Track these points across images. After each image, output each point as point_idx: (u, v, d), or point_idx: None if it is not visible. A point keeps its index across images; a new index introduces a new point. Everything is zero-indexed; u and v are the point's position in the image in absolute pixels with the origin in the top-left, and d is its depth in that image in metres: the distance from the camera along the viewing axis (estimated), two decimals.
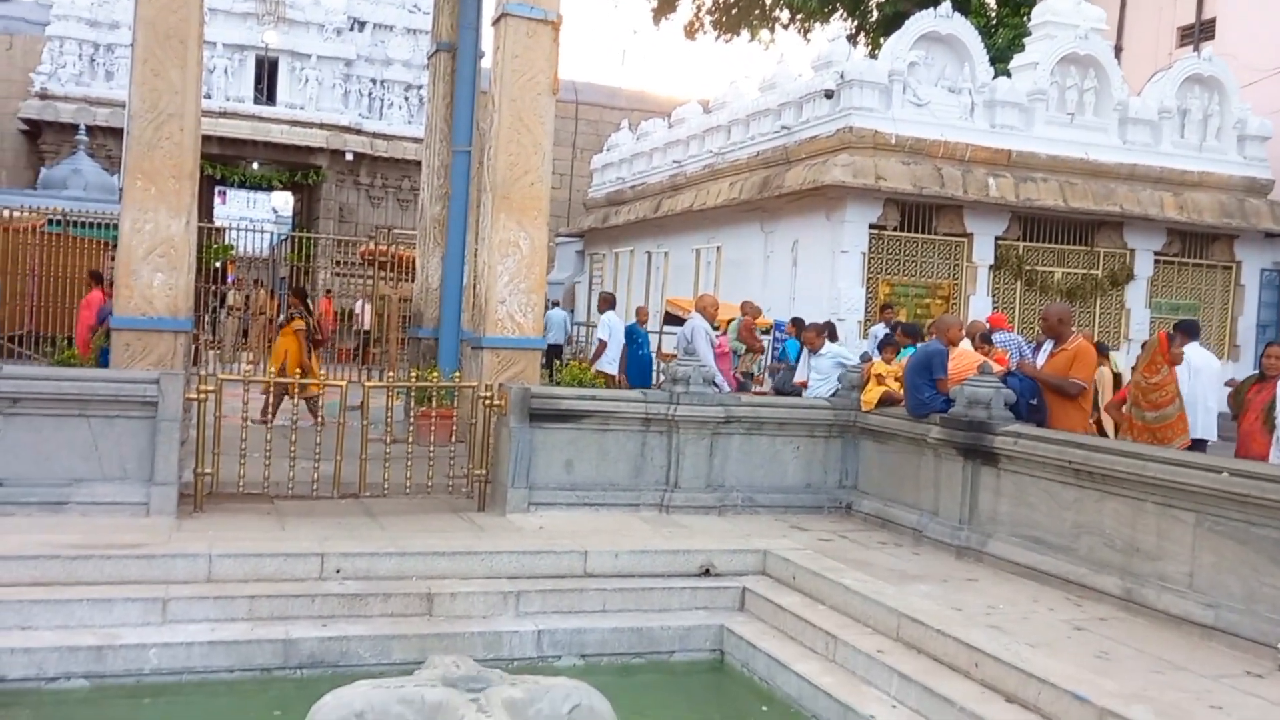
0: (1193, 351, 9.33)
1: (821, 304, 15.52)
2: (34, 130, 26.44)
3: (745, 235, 18.38)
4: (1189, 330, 9.67)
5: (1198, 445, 8.16)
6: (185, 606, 5.96)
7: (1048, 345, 8.29)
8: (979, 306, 16.33)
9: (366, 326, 19.13)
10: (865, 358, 10.20)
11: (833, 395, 9.41)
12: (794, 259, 17.00)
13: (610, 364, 12.33)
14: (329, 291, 22.08)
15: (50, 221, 16.78)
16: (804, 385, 10.35)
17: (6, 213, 16.57)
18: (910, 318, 15.48)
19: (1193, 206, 17.29)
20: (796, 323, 12.21)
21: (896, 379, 8.91)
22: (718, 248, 19.18)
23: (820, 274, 16.18)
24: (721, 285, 17.99)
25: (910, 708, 5.31)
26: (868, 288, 16.00)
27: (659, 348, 17.55)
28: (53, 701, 5.36)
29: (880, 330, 12.41)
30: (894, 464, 8.68)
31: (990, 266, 16.77)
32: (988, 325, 11.67)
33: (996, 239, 16.75)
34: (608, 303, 13.22)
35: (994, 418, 7.59)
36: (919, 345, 8.96)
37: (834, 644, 6.04)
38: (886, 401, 8.85)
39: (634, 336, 12.70)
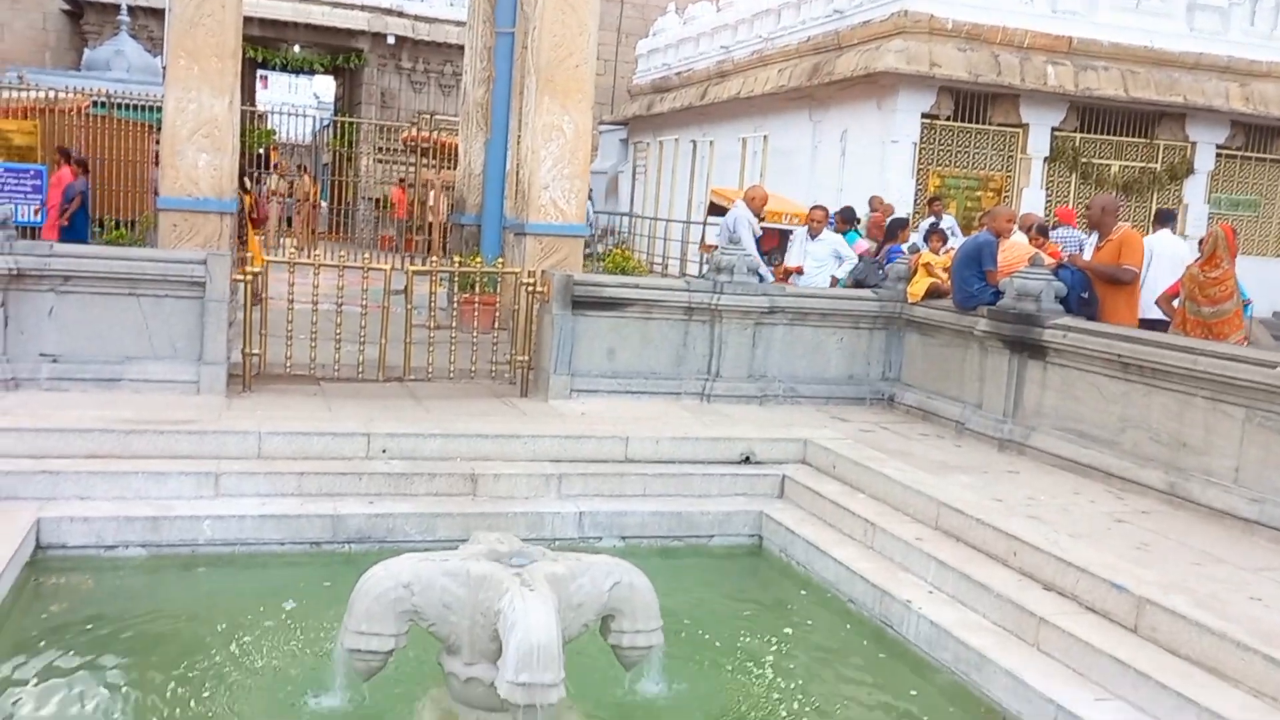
0: (1160, 237, 9.63)
1: (870, 195, 15.22)
2: (76, 11, 26.27)
3: (793, 124, 17.98)
4: (1163, 218, 10.26)
5: (1158, 325, 8.04)
6: (236, 481, 6.11)
7: (1093, 239, 8.12)
8: (1032, 200, 15.96)
9: (442, 217, 18.94)
10: (914, 249, 10.02)
11: (880, 288, 9.28)
12: (842, 149, 16.64)
13: None
14: (402, 180, 21.92)
15: (95, 104, 16.77)
16: (798, 271, 10.21)
17: (52, 94, 16.58)
18: (960, 211, 15.21)
19: (1259, 98, 16.61)
20: (845, 214, 11.96)
21: (945, 270, 8.76)
22: (764, 137, 18.82)
23: (869, 165, 15.84)
24: (768, 175, 17.70)
25: (947, 593, 5.36)
26: (917, 179, 15.67)
27: (702, 239, 17.41)
28: (111, 568, 5.56)
29: (929, 223, 12.17)
30: (938, 357, 8.61)
31: (1045, 159, 16.32)
32: (1045, 218, 11.41)
33: (1053, 130, 16.26)
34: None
35: (1043, 311, 7.47)
36: (971, 237, 8.72)
37: (872, 531, 6.09)
38: (933, 293, 8.73)
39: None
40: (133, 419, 6.39)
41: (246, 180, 14.02)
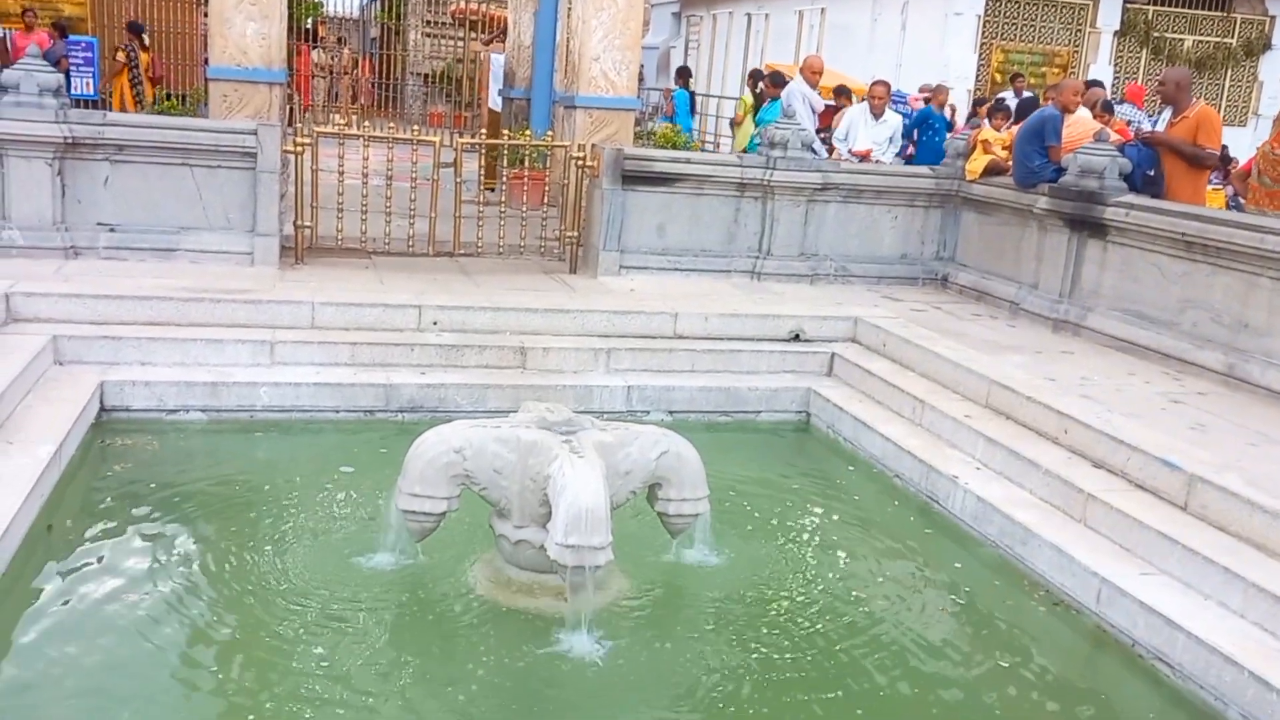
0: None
1: (930, 71, 14.74)
2: None
3: None
4: None
5: None
6: (291, 350, 6.21)
7: (1165, 115, 7.79)
8: (1099, 76, 15.33)
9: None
10: (973, 124, 9.71)
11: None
12: (903, 23, 16.07)
13: None
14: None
15: None
16: (866, 155, 9.72)
17: None
18: (1025, 87, 14.65)
19: None
20: (939, 92, 11.42)
21: (1005, 148, 8.51)
22: (822, 10, 18.20)
23: (930, 38, 15.30)
24: (825, 51, 17.12)
25: (994, 470, 5.36)
26: (980, 54, 15.12)
27: None
28: (173, 430, 5.72)
29: (1009, 98, 11.62)
30: (995, 236, 8.43)
31: (1115, 33, 15.65)
32: (1110, 94, 10.93)
33: (1124, 3, 15.55)
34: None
35: (1106, 188, 7.24)
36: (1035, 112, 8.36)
37: (921, 408, 6.07)
38: (992, 171, 8.50)
39: (929, 122, 10.99)
40: (190, 287, 6.49)
41: (145, 36, 13.96)
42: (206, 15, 11.06)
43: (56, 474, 4.74)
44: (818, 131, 10.02)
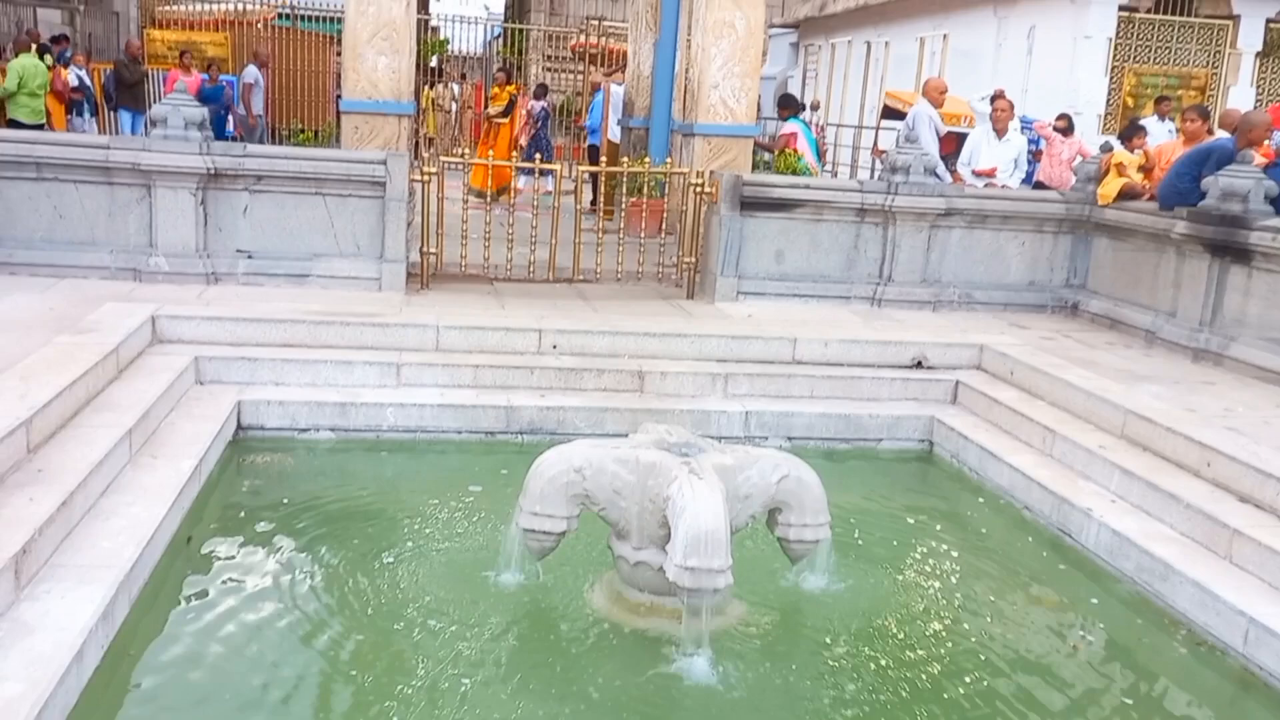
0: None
1: (1058, 96, 14.36)
2: None
3: (976, 21, 17.05)
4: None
5: None
6: (416, 372, 6.36)
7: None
8: (1240, 98, 14.72)
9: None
10: (1106, 147, 9.39)
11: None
12: (1029, 47, 15.70)
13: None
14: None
15: (280, 15, 17.39)
16: (990, 174, 9.51)
17: (240, 7, 17.27)
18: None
19: None
20: (1064, 120, 11.17)
21: (1140, 169, 8.21)
22: (944, 36, 17.94)
23: (1058, 63, 14.91)
24: (947, 77, 16.85)
25: (1131, 503, 5.13)
26: (1111, 78, 14.66)
27: (875, 143, 16.85)
28: (304, 449, 5.91)
29: (1153, 122, 11.24)
30: (1129, 262, 8.12)
31: (1257, 54, 14.99)
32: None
33: (1268, 21, 14.90)
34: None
35: (1250, 212, 6.92)
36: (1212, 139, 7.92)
37: (1051, 438, 5.86)
38: (1127, 195, 8.20)
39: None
40: (321, 311, 6.71)
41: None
42: (339, 53, 11.53)
43: (197, 488, 4.94)
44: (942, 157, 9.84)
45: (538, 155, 10.06)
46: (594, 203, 11.85)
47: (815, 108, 20.33)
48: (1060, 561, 5.07)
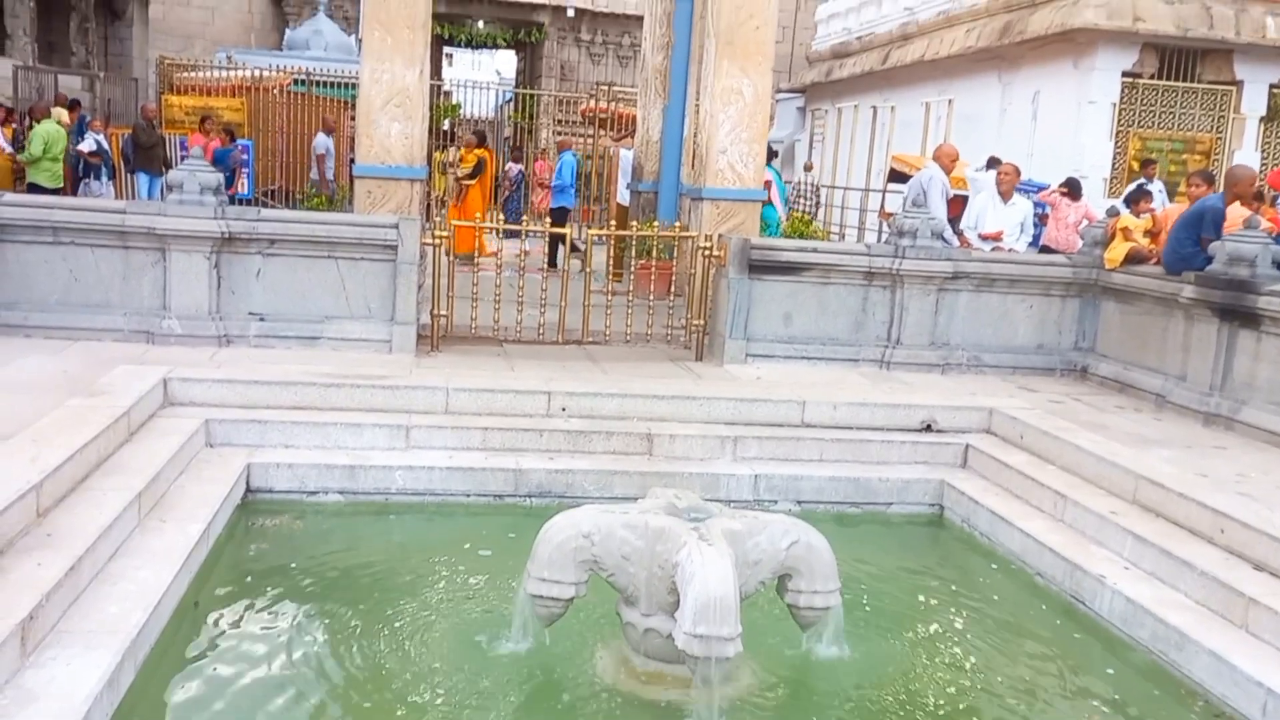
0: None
1: (1063, 160, 14.49)
2: None
3: (980, 87, 17.26)
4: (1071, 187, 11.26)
5: None
6: (426, 434, 6.36)
7: None
8: (1245, 162, 14.79)
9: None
10: (1112, 212, 9.46)
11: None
12: (1034, 112, 15.87)
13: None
14: (542, 151, 22.22)
15: (296, 81, 17.70)
16: (996, 237, 9.61)
17: (257, 73, 17.59)
18: (1163, 174, 14.27)
19: None
20: (1070, 185, 11.31)
21: (1145, 234, 8.26)
22: (949, 101, 18.15)
23: (1063, 128, 15.05)
24: (953, 141, 17.05)
25: (1144, 570, 5.08)
26: (1116, 142, 14.79)
27: (882, 206, 16.98)
28: (313, 511, 5.89)
29: (1142, 186, 11.38)
30: (1138, 325, 8.13)
31: (1261, 118, 15.12)
32: (1260, 182, 10.57)
33: (1271, 87, 15.04)
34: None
35: (1258, 276, 6.94)
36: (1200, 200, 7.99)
37: (1063, 503, 5.82)
38: (1133, 259, 8.24)
39: None
40: (332, 373, 6.74)
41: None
42: (354, 118, 11.71)
43: (204, 551, 4.92)
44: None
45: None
46: (552, 264, 12.05)
47: (808, 169, 20.67)
48: (1074, 630, 5.01)
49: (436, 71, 27.38)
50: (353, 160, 10.14)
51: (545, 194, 16.27)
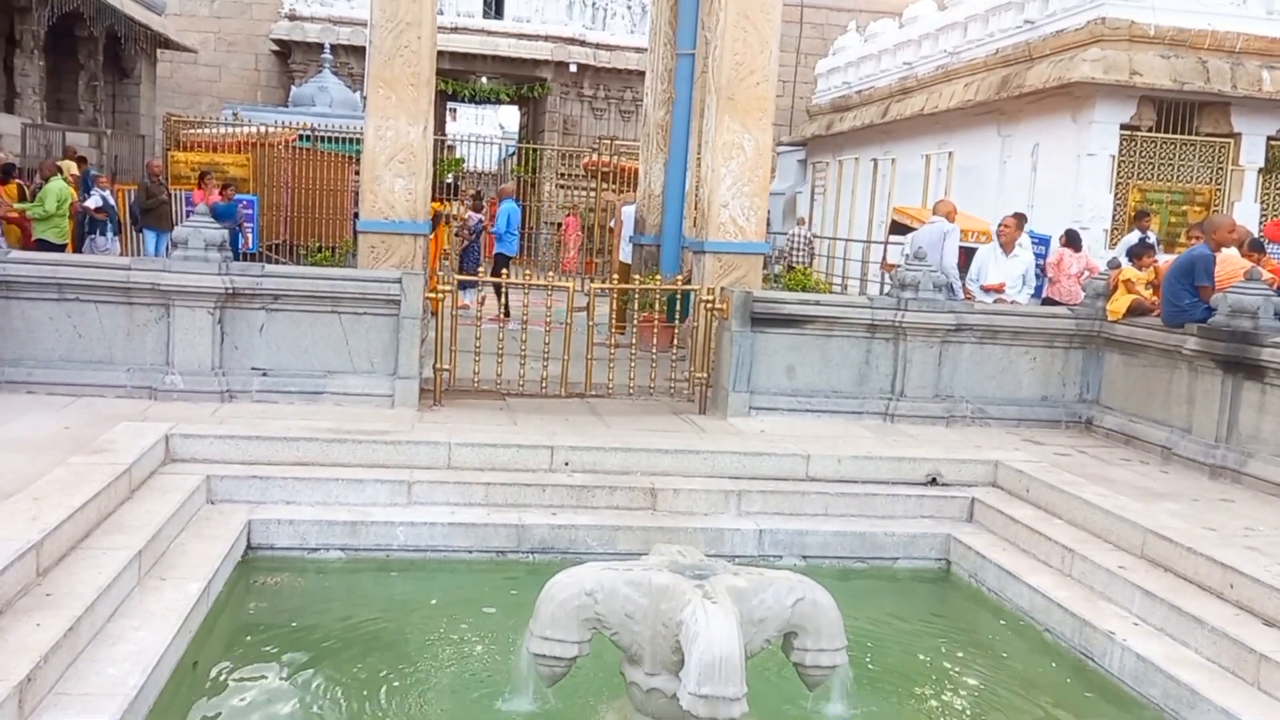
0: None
1: (1063, 212, 14.57)
2: (284, 50, 28.20)
3: (980, 140, 17.42)
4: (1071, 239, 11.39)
5: None
6: (428, 490, 6.33)
7: None
8: (1244, 214, 14.87)
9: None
10: (1114, 264, 9.48)
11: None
12: (1033, 164, 16.00)
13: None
14: (573, 208, 22.34)
15: (301, 136, 17.89)
16: (999, 289, 9.68)
17: (262, 129, 17.78)
18: (1164, 226, 14.36)
19: None
20: (1070, 236, 11.41)
21: (1148, 286, 8.27)
22: (949, 153, 18.31)
23: (1062, 180, 15.16)
24: (952, 193, 17.16)
25: (1153, 626, 5.02)
26: (1116, 194, 14.88)
27: (884, 258, 17.06)
28: (314, 569, 5.85)
29: (1135, 238, 11.49)
30: (1142, 377, 8.11)
31: (1260, 170, 15.21)
32: (1257, 233, 10.63)
33: (1269, 139, 15.15)
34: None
35: (1261, 328, 6.94)
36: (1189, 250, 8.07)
37: (1071, 558, 5.77)
38: (1136, 311, 8.25)
39: None
40: (333, 429, 6.73)
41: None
42: (358, 172, 11.81)
43: (204, 611, 4.88)
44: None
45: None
46: (506, 314, 12.13)
47: (800, 224, 20.87)
48: (1085, 688, 4.94)
49: (440, 126, 27.72)
50: (356, 214, 10.20)
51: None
